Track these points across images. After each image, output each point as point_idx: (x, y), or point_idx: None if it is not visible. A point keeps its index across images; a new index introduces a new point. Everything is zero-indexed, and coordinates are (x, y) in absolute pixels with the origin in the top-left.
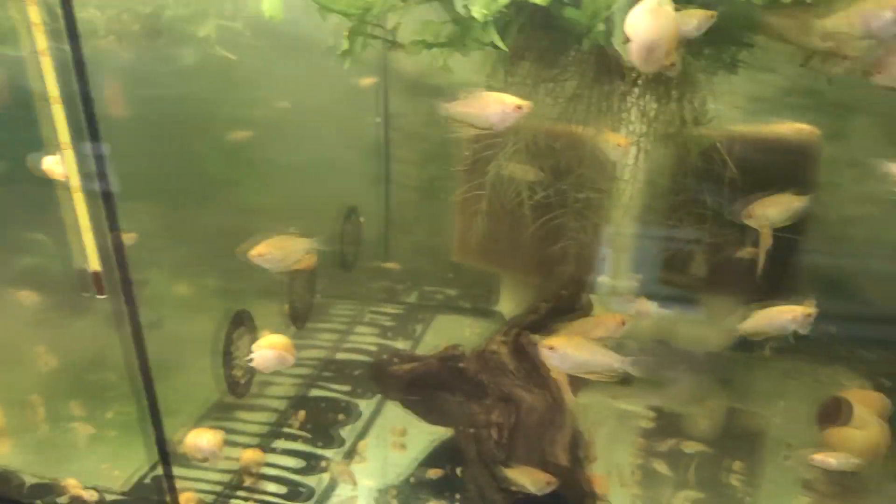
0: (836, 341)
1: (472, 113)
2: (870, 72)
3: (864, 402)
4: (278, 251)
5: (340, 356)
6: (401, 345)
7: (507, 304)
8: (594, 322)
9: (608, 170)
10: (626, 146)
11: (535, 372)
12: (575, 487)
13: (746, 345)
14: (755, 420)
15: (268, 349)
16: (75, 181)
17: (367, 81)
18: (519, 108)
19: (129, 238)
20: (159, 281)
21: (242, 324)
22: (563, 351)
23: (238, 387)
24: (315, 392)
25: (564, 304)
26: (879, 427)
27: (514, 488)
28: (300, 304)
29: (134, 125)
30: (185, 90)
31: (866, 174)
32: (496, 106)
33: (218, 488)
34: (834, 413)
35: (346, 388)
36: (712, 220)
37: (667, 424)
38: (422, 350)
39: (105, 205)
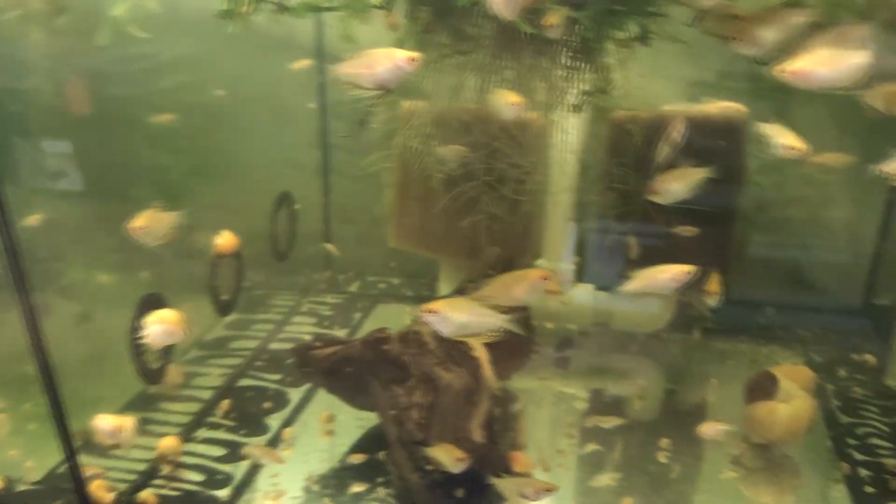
0: (774, 321)
1: (362, 73)
2: (728, 38)
3: (791, 377)
4: (154, 224)
5: (274, 346)
6: (338, 333)
7: (447, 289)
8: (516, 277)
9: (526, 144)
10: (518, 104)
11: (454, 350)
12: (493, 465)
13: (683, 326)
14: (689, 399)
15: (157, 324)
16: None
17: (301, 65)
18: (412, 60)
19: (34, 220)
20: (81, 272)
21: (152, 308)
22: (444, 314)
23: (151, 374)
24: (244, 382)
25: None
26: (804, 400)
27: (430, 468)
28: (225, 292)
29: (47, 109)
30: (103, 72)
31: (806, 156)
32: (386, 62)
33: (133, 477)
34: (761, 388)
35: (277, 377)
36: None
37: (602, 406)
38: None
39: None
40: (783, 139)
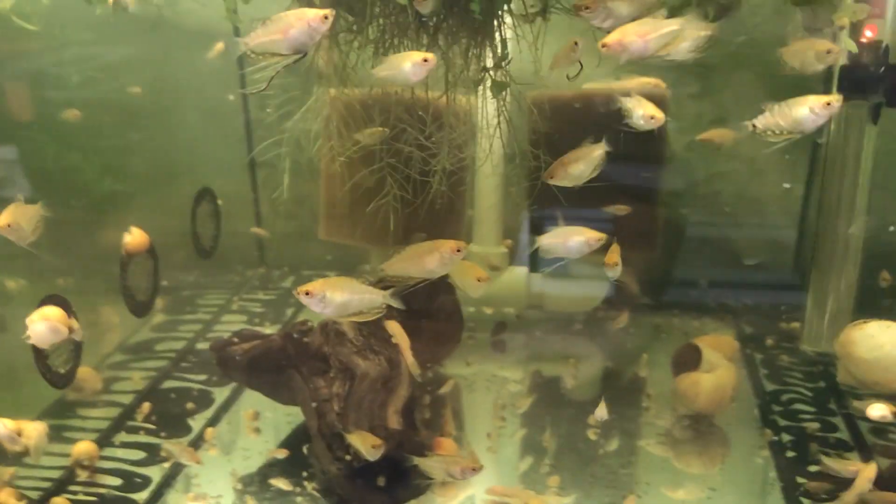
0: (704, 294)
1: (275, 39)
2: (580, 7)
3: (715, 347)
4: (20, 219)
5: (202, 346)
6: (269, 330)
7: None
8: (429, 247)
9: (431, 124)
10: (429, 62)
11: (372, 338)
12: (413, 451)
13: (618, 303)
14: (620, 375)
15: (40, 321)
16: None
17: (216, 50)
18: (325, 18)
19: None
20: None
21: None
22: (322, 294)
23: (58, 378)
24: (168, 384)
25: None
26: (727, 370)
27: (349, 458)
28: (138, 292)
29: None
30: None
31: (734, 131)
32: (299, 23)
33: (47, 484)
34: (686, 360)
35: (203, 377)
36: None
37: (536, 387)
38: None
39: None
40: (643, 110)
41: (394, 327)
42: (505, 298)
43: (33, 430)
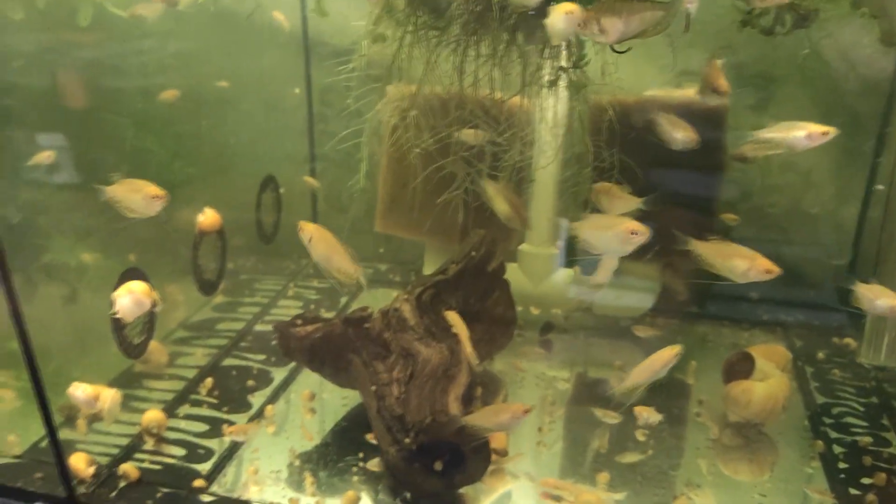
0: (755, 306)
1: None
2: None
3: (767, 356)
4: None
5: (259, 328)
6: (327, 316)
7: (431, 271)
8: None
9: (503, 121)
10: (575, 14)
11: (434, 326)
12: (470, 438)
13: (666, 311)
14: (671, 382)
15: (125, 295)
16: None
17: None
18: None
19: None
20: (64, 249)
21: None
22: (311, 237)
23: (132, 348)
24: (229, 362)
25: (474, 266)
26: (779, 379)
27: (407, 440)
28: (207, 271)
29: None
30: (90, 55)
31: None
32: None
33: (115, 450)
34: (738, 368)
35: (262, 357)
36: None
37: (585, 388)
38: None
39: None
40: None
41: (453, 317)
42: (554, 300)
43: (108, 395)
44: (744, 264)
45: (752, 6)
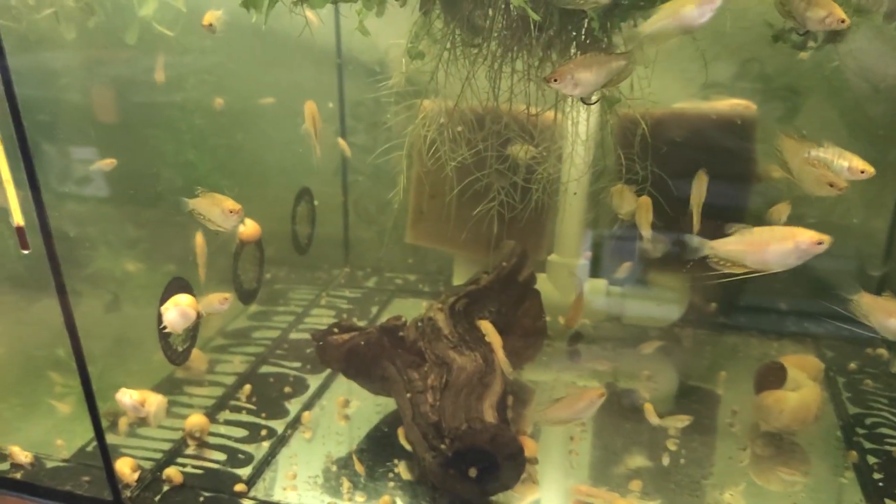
0: (784, 317)
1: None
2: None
3: (799, 366)
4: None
5: (294, 336)
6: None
7: (460, 282)
8: (781, 234)
9: (537, 134)
10: None
11: (468, 335)
12: (505, 445)
13: (695, 321)
14: (700, 392)
15: (172, 308)
16: None
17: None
18: None
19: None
20: (110, 259)
21: (179, 292)
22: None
23: (176, 355)
24: (266, 369)
25: (505, 276)
26: (812, 389)
27: (443, 447)
28: (246, 281)
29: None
30: (128, 71)
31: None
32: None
33: (157, 455)
34: (770, 377)
35: (297, 364)
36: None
37: (616, 397)
38: None
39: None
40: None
41: (486, 326)
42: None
43: (155, 401)
44: None
45: (804, 28)
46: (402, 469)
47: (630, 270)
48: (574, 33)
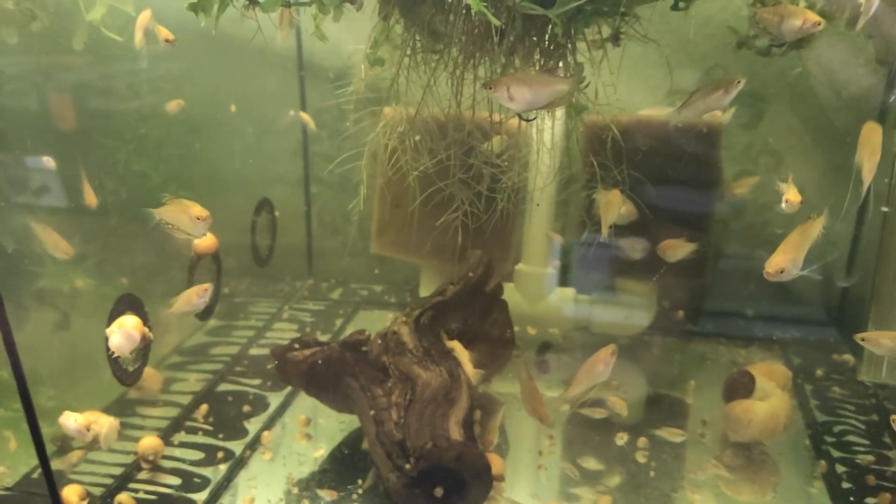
0: (752, 324)
1: None
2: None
3: (767, 375)
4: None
5: (254, 352)
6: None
7: (427, 292)
8: None
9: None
10: None
11: (433, 349)
12: (471, 463)
13: (664, 329)
14: (670, 400)
15: (117, 331)
16: None
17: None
18: None
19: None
20: (58, 278)
21: (128, 309)
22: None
23: (127, 375)
24: (224, 387)
25: (472, 287)
26: (780, 398)
27: (407, 466)
28: None
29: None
30: (76, 78)
31: (780, 161)
32: None
33: (108, 481)
34: (739, 387)
35: (257, 382)
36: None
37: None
38: None
39: None
40: None
41: (455, 345)
42: (551, 319)
43: (105, 422)
44: None
45: (782, 39)
46: (365, 490)
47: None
48: (537, 39)
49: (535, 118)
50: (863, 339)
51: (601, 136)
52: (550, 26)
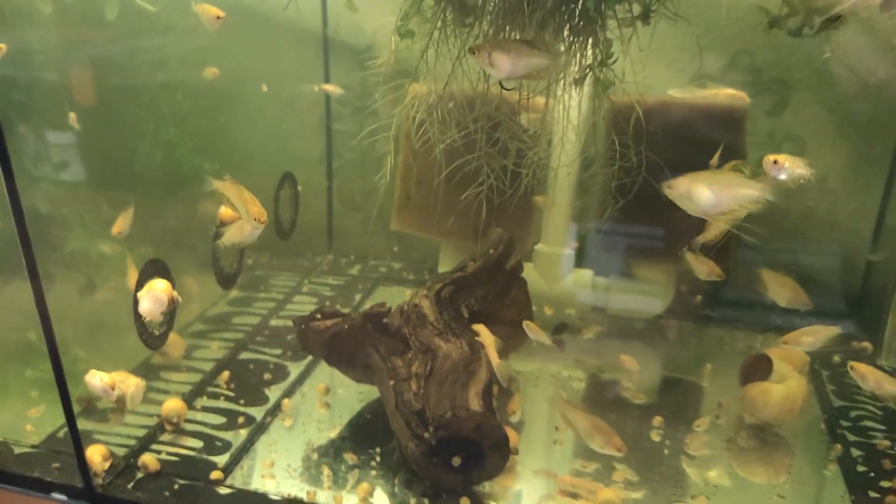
0: (769, 310)
1: None
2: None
3: (785, 358)
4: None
5: (274, 323)
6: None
7: (445, 270)
8: None
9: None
10: None
11: (454, 322)
12: (489, 434)
13: (680, 313)
14: (685, 384)
15: (146, 295)
16: None
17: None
18: None
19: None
20: (84, 240)
21: (156, 274)
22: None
23: (153, 339)
24: (245, 355)
25: (492, 264)
26: (797, 381)
27: (426, 435)
28: (227, 265)
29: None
30: (108, 50)
31: (803, 148)
32: None
33: (131, 442)
34: (755, 369)
35: (278, 351)
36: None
37: (600, 388)
38: None
39: None
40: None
41: (479, 326)
42: (568, 300)
43: (132, 382)
44: None
45: (832, 13)
46: (382, 457)
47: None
48: (567, 14)
49: (513, 88)
50: (785, 342)
51: (626, 116)
52: (582, 0)
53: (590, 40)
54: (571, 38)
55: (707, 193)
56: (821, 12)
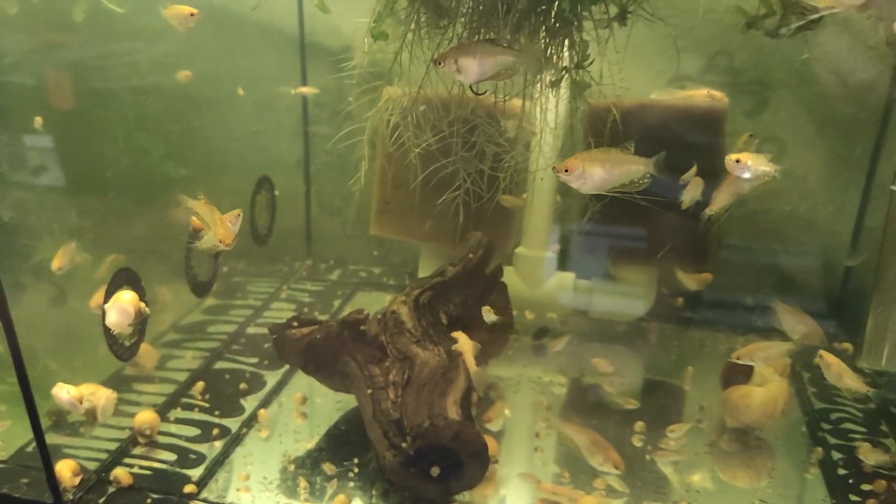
0: (751, 312)
1: None
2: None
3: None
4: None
5: (251, 331)
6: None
7: (426, 274)
8: None
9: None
10: None
11: (432, 329)
12: (467, 443)
13: (662, 315)
14: (667, 387)
15: (113, 307)
16: None
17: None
18: None
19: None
20: (53, 249)
21: (126, 283)
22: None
23: (123, 350)
24: (221, 365)
25: (472, 268)
26: (778, 384)
27: (404, 445)
28: (201, 272)
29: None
30: (81, 54)
31: (783, 149)
32: None
33: (103, 456)
34: (737, 372)
35: (254, 360)
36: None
37: (580, 392)
38: None
39: None
40: None
41: (458, 333)
42: (550, 304)
43: (102, 394)
44: None
45: (816, 13)
46: (360, 468)
47: None
48: (543, 15)
49: (485, 92)
50: (738, 358)
51: (604, 119)
52: (557, 2)
53: (566, 42)
54: (547, 40)
55: (600, 171)
56: (797, 12)
